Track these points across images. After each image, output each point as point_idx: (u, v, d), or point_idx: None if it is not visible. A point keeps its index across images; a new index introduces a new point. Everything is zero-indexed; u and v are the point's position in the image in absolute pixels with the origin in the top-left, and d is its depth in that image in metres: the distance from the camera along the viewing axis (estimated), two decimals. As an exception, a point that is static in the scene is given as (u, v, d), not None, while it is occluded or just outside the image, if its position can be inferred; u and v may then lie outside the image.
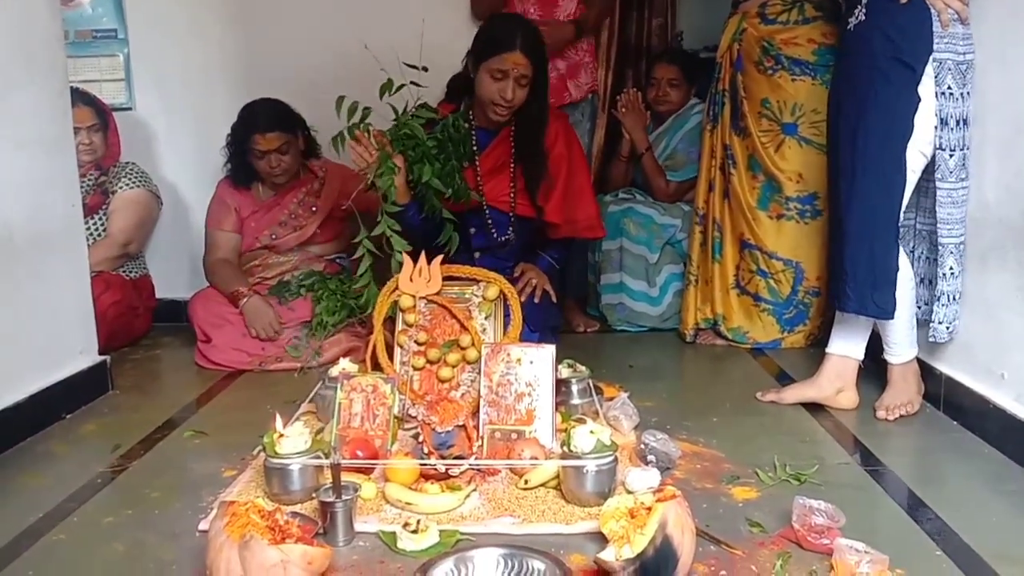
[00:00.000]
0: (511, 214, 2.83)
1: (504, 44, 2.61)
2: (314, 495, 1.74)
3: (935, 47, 2.13)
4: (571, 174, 2.85)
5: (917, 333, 2.35)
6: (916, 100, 2.15)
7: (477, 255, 2.84)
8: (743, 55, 2.99)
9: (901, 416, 2.31)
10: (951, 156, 2.19)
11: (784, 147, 2.96)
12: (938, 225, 2.24)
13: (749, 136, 3.01)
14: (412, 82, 2.53)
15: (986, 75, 2.18)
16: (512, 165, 2.81)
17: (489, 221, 2.83)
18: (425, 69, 2.54)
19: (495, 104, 2.67)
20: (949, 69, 2.14)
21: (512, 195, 2.81)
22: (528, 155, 2.78)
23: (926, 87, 2.15)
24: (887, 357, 2.37)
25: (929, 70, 2.14)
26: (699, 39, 4.16)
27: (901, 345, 2.34)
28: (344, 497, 1.65)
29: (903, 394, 2.34)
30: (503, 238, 2.86)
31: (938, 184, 2.21)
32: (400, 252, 2.50)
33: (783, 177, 2.96)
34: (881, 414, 2.32)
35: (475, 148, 2.80)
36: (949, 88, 2.15)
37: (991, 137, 2.18)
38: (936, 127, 2.17)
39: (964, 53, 2.15)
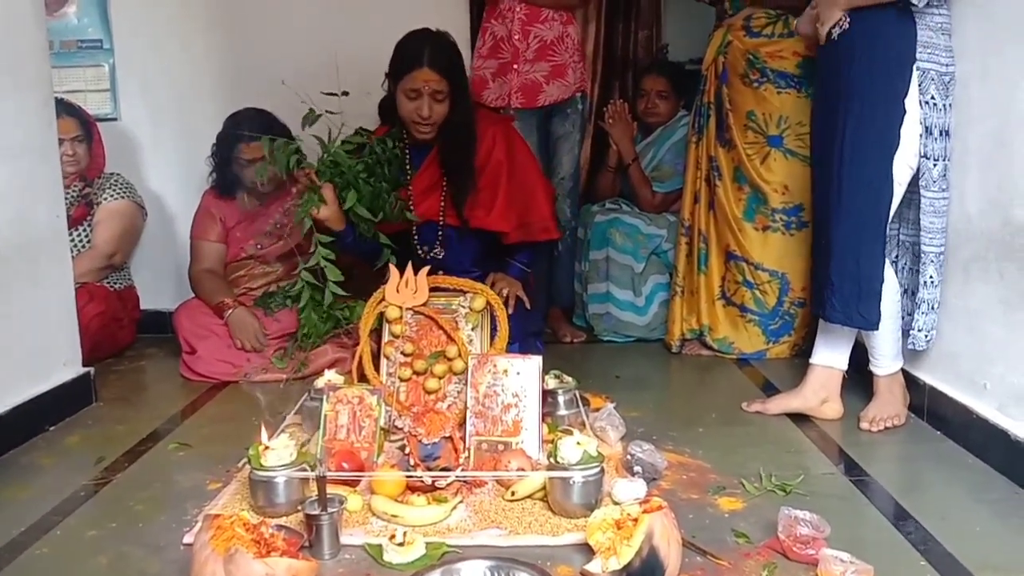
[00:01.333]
0: (439, 227, 2.79)
1: (412, 62, 2.59)
2: (300, 508, 1.74)
3: (918, 56, 2.15)
4: (515, 178, 2.77)
5: (905, 342, 2.35)
6: (902, 111, 2.17)
7: (440, 272, 2.72)
8: (728, 68, 3.01)
9: (887, 428, 2.32)
10: (935, 165, 2.21)
11: (770, 159, 2.98)
12: (921, 234, 2.26)
13: (735, 148, 3.03)
14: (328, 111, 2.55)
15: (967, 88, 2.20)
16: (444, 180, 2.77)
17: (416, 239, 2.81)
18: (345, 94, 2.55)
19: (415, 123, 2.65)
20: (932, 79, 2.17)
21: (442, 208, 2.78)
22: (454, 168, 2.73)
23: (911, 98, 2.17)
24: (872, 368, 2.39)
25: (914, 80, 2.16)
26: (684, 51, 4.17)
27: (886, 356, 2.35)
28: (330, 510, 1.64)
29: (889, 406, 2.35)
30: (431, 254, 2.81)
31: (922, 192, 2.22)
32: (333, 283, 2.54)
33: (768, 189, 2.99)
34: (864, 426, 2.33)
35: (409, 168, 2.78)
36: (933, 98, 2.17)
37: (973, 149, 2.20)
38: (921, 135, 2.19)
39: (947, 65, 2.18)
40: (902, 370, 2.39)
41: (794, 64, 2.91)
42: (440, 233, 2.80)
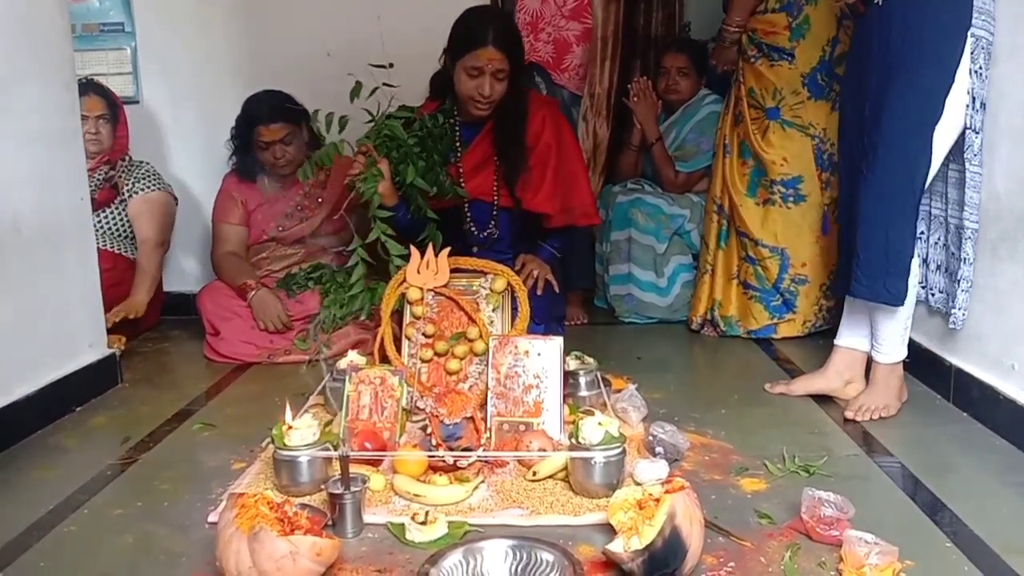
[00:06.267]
0: (494, 207, 2.79)
1: (477, 40, 2.57)
2: (323, 487, 1.75)
3: (973, 22, 2.03)
4: (561, 161, 2.79)
5: (932, 322, 2.30)
6: (950, 81, 2.06)
7: (475, 250, 2.77)
8: (742, 46, 3.04)
9: (873, 419, 2.23)
10: (978, 137, 2.12)
11: (769, 132, 2.99)
12: (965, 209, 2.18)
13: (742, 122, 3.05)
14: (385, 83, 2.52)
15: (996, 62, 2.14)
16: (496, 159, 2.77)
17: (468, 216, 2.80)
18: (390, 66, 2.52)
19: (474, 100, 2.64)
20: (983, 48, 2.06)
21: (495, 188, 2.78)
22: (507, 147, 2.73)
23: (961, 67, 2.05)
24: (874, 355, 2.31)
25: (967, 47, 2.04)
26: (706, 30, 4.13)
27: (892, 342, 2.27)
28: (353, 489, 1.65)
29: (881, 396, 2.26)
30: (484, 233, 2.82)
31: (967, 166, 2.14)
32: (397, 256, 2.50)
33: (768, 160, 2.99)
34: (849, 415, 2.25)
35: (459, 145, 2.77)
36: (980, 67, 2.07)
37: (1002, 126, 2.15)
38: (968, 105, 2.08)
39: (993, 33, 2.07)
40: (928, 351, 2.35)
41: (785, 38, 2.91)
42: (495, 212, 2.80)
